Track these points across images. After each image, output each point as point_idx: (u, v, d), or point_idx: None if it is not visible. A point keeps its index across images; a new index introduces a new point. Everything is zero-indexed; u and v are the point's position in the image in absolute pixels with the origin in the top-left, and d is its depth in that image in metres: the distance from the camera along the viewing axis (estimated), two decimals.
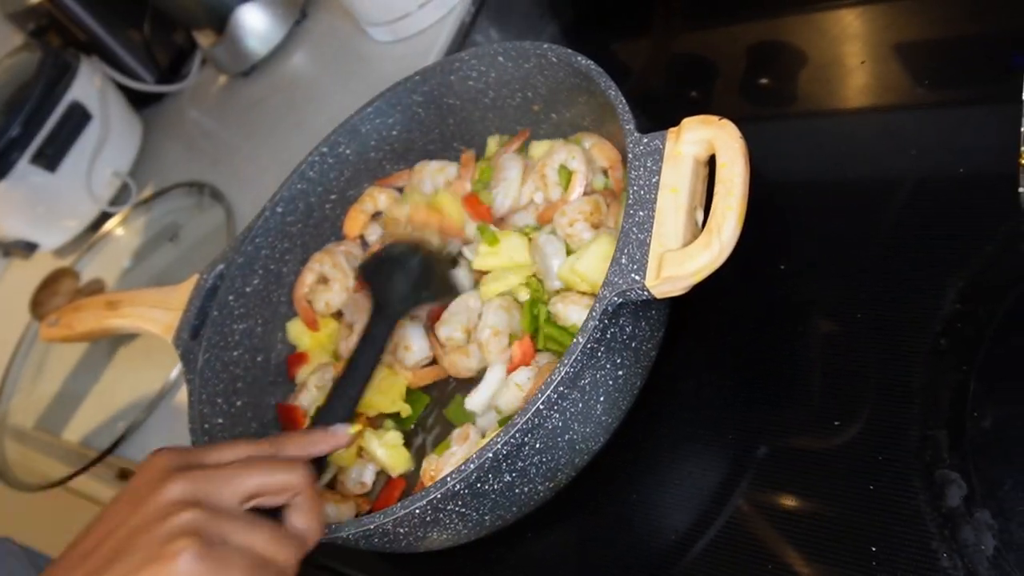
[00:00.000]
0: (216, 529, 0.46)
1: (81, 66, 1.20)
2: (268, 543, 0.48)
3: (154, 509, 0.46)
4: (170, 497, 0.46)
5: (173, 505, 0.46)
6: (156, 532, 0.45)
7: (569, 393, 0.54)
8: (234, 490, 0.48)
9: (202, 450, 0.51)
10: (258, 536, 0.47)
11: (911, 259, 0.57)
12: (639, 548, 0.58)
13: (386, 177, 0.84)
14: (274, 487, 0.50)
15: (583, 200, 0.67)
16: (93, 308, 0.85)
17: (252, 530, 0.47)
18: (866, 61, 0.69)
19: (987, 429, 0.49)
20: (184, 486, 0.47)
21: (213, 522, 0.46)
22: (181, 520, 0.46)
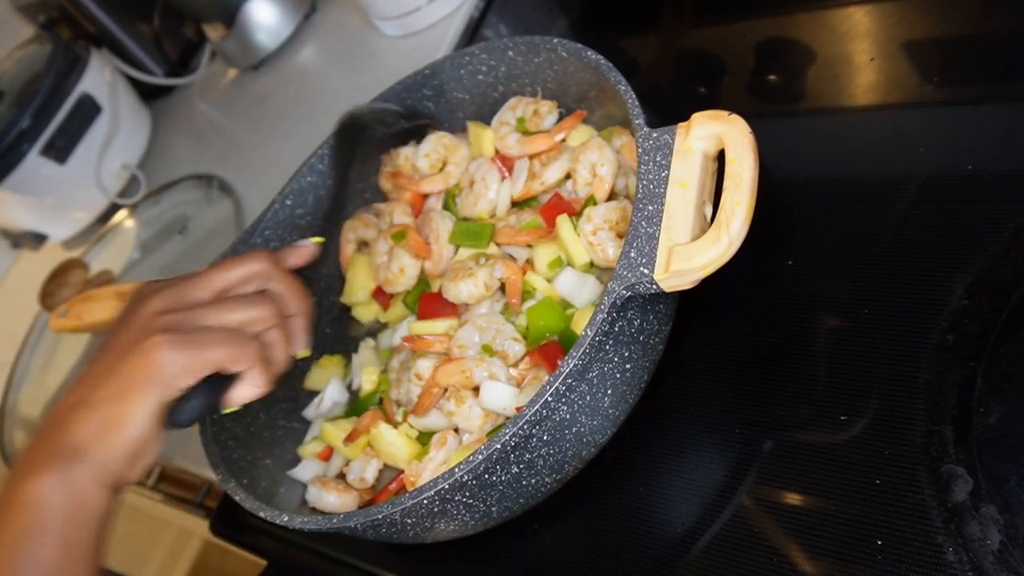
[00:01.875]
0: (188, 320, 0.53)
1: (91, 59, 1.21)
2: (240, 309, 0.55)
3: (136, 324, 0.54)
4: (148, 310, 0.54)
5: (150, 317, 0.54)
6: (138, 337, 0.53)
7: (577, 385, 0.54)
8: (203, 288, 0.56)
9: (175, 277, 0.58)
10: (229, 309, 0.55)
11: (918, 255, 0.57)
12: (645, 540, 0.58)
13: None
14: (239, 276, 0.57)
15: (610, 207, 0.65)
16: (103, 299, 0.86)
17: (222, 307, 0.55)
18: (875, 58, 0.69)
19: (993, 425, 0.49)
20: (158, 300, 0.55)
21: (184, 316, 0.54)
22: (156, 323, 0.53)
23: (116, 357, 0.53)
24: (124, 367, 0.52)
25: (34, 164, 1.16)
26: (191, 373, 0.53)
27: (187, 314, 0.54)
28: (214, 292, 0.56)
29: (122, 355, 0.53)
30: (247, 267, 0.57)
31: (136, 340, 0.53)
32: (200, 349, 0.52)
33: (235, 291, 0.57)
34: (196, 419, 0.54)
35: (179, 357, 0.52)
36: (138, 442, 0.52)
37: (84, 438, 0.51)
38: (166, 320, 0.53)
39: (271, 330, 0.56)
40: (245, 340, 0.54)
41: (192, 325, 0.53)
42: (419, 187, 0.78)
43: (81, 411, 0.52)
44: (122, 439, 0.52)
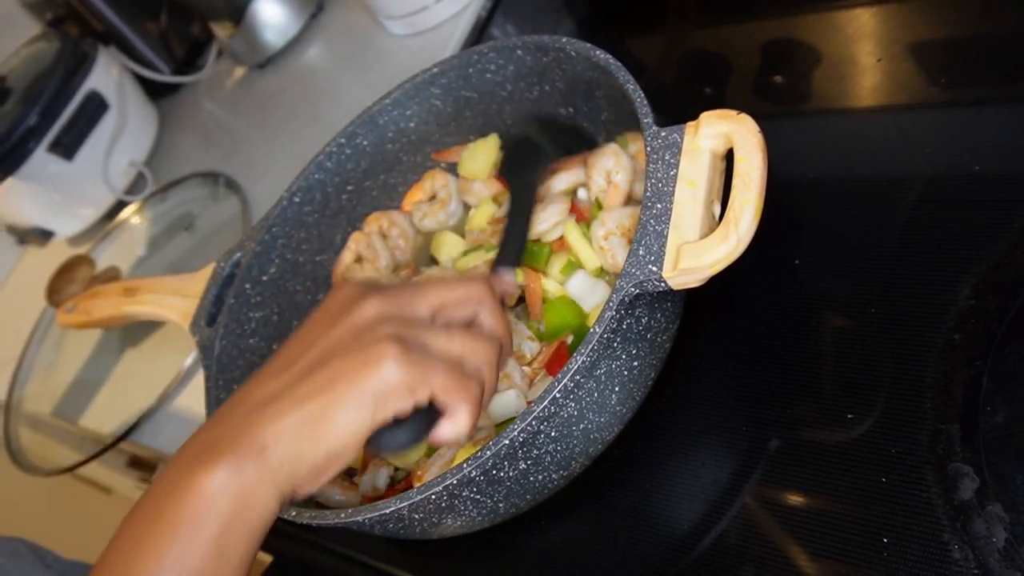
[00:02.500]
0: (414, 336, 0.47)
1: (99, 56, 1.21)
2: (463, 343, 0.49)
3: (353, 323, 0.48)
4: (368, 313, 0.48)
5: (371, 320, 0.47)
6: (359, 341, 0.46)
7: (585, 382, 0.54)
8: (422, 302, 0.50)
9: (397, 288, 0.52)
10: (454, 339, 0.49)
11: (925, 255, 0.58)
12: (652, 537, 0.58)
13: (443, 151, 0.84)
14: (457, 299, 0.51)
15: (624, 212, 0.65)
16: (110, 295, 0.86)
17: (447, 334, 0.49)
18: (881, 59, 0.69)
19: (999, 424, 0.49)
20: (378, 303, 0.48)
21: (411, 330, 0.48)
22: (383, 330, 0.47)
23: (328, 352, 0.47)
24: (344, 367, 0.46)
25: (41, 161, 1.17)
26: (412, 395, 0.46)
27: (413, 329, 0.48)
28: (432, 308, 0.50)
29: (341, 352, 0.46)
30: (466, 289, 0.52)
31: (360, 340, 0.46)
32: (426, 374, 0.46)
33: (450, 311, 0.51)
34: (405, 448, 0.48)
35: (404, 376, 0.46)
36: (334, 456, 0.46)
37: (276, 437, 0.45)
38: (393, 329, 0.47)
39: (487, 367, 0.50)
40: (469, 375, 0.48)
41: (418, 343, 0.47)
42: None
43: (279, 405, 0.45)
44: (320, 448, 0.45)
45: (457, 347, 0.48)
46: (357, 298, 0.49)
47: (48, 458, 1.05)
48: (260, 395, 0.46)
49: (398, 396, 0.46)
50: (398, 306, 0.49)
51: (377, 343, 0.46)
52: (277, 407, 0.45)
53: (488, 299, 0.52)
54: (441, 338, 0.48)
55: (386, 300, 0.49)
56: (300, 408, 0.45)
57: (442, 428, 0.48)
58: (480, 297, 0.52)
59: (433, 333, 0.48)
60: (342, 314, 0.48)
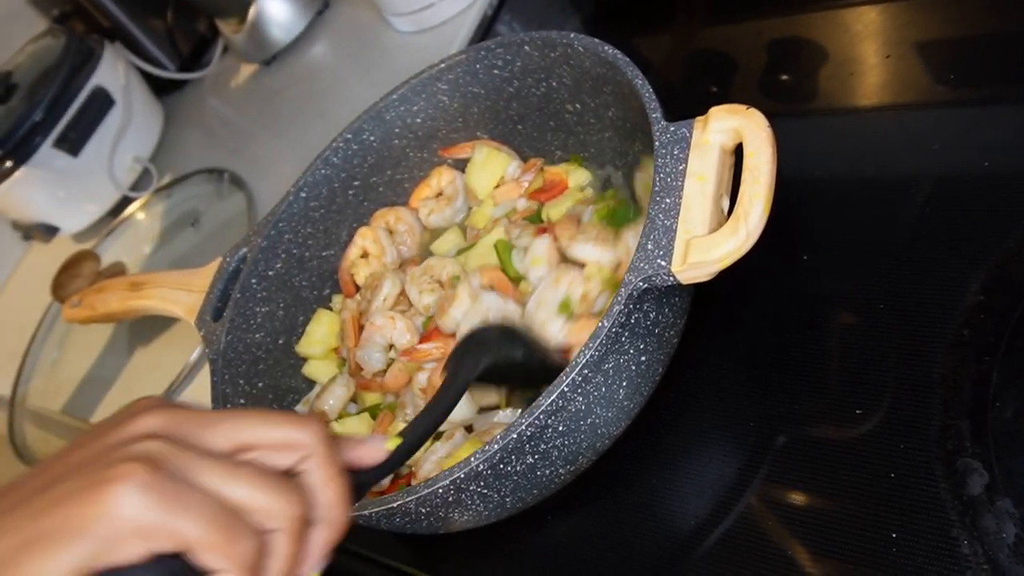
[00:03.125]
0: (180, 463, 0.36)
1: (105, 52, 1.21)
2: (251, 487, 0.37)
3: (114, 438, 0.37)
4: (139, 427, 0.37)
5: (138, 434, 0.37)
6: (103, 459, 0.36)
7: (593, 376, 0.54)
8: (222, 433, 0.38)
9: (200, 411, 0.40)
10: (238, 478, 0.37)
11: (934, 251, 0.58)
12: (659, 533, 0.58)
13: (449, 147, 0.84)
14: (274, 439, 0.39)
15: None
16: (116, 289, 0.86)
17: (231, 471, 0.37)
18: (891, 56, 0.69)
19: (1009, 419, 0.49)
20: (160, 419, 0.37)
21: (178, 455, 0.36)
22: (138, 447, 0.36)
23: (66, 471, 0.36)
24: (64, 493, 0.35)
25: (47, 156, 1.17)
26: (148, 542, 0.34)
27: (183, 455, 0.36)
28: (234, 445, 0.38)
29: (77, 471, 0.36)
30: (290, 431, 0.39)
31: (103, 456, 0.36)
32: (176, 514, 0.35)
33: (262, 453, 0.39)
34: None
35: (144, 511, 0.34)
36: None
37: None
38: (152, 449, 0.36)
39: (280, 534, 0.37)
40: (240, 530, 0.36)
41: (183, 473, 0.36)
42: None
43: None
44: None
45: (241, 492, 0.36)
46: (144, 408, 0.38)
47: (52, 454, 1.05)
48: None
49: (130, 539, 0.34)
50: (183, 428, 0.37)
51: (120, 462, 0.35)
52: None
53: (320, 451, 0.39)
54: (218, 474, 0.36)
55: (171, 418, 0.38)
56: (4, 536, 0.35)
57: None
58: (309, 445, 0.39)
59: (210, 467, 0.36)
60: (112, 427, 0.37)
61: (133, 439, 0.36)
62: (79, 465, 0.36)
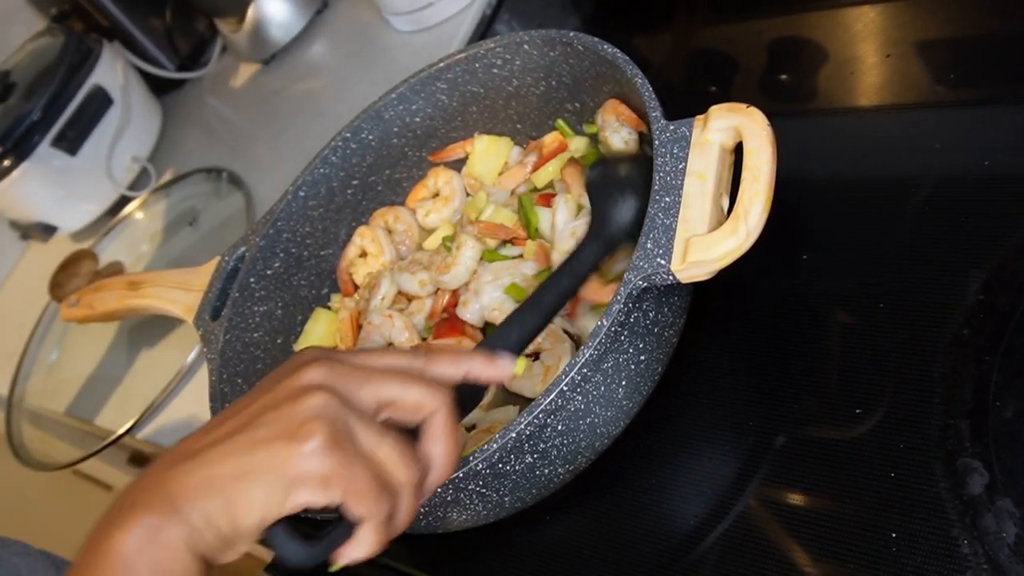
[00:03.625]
0: (347, 422, 0.44)
1: (103, 51, 1.21)
2: (393, 456, 0.45)
3: (289, 387, 0.45)
4: (308, 379, 0.45)
5: (309, 387, 0.44)
6: (290, 410, 0.44)
7: (592, 376, 0.54)
8: (370, 391, 0.46)
9: (351, 352, 0.49)
10: (385, 445, 0.45)
11: (935, 250, 0.58)
12: (657, 533, 0.58)
13: (441, 151, 0.83)
14: (409, 401, 0.47)
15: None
16: (114, 288, 0.86)
17: (381, 437, 0.45)
18: (891, 56, 0.69)
19: (1009, 419, 0.49)
20: (323, 372, 0.45)
21: (345, 413, 0.44)
22: (315, 401, 0.44)
23: (257, 416, 0.44)
24: (268, 434, 0.43)
25: (45, 155, 1.16)
26: (326, 490, 0.43)
27: (348, 413, 0.44)
28: (379, 401, 0.46)
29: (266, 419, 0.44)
30: (423, 395, 0.47)
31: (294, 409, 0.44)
32: (349, 470, 0.43)
33: (397, 411, 0.47)
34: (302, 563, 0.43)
35: (327, 465, 0.42)
36: (237, 528, 0.43)
37: (189, 494, 0.43)
38: (325, 405, 0.44)
39: (406, 491, 0.45)
40: (386, 491, 0.44)
41: (349, 431, 0.44)
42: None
43: (195, 464, 0.43)
44: (224, 515, 0.43)
45: (383, 455, 0.45)
46: (307, 361, 0.46)
47: (49, 454, 1.05)
48: (185, 451, 0.45)
49: (312, 486, 0.43)
50: (344, 383, 0.46)
51: (309, 420, 0.43)
52: (194, 464, 0.43)
53: (441, 413, 0.47)
54: (372, 437, 0.44)
55: (333, 372, 0.46)
56: (215, 467, 0.43)
57: (344, 549, 0.44)
58: (432, 408, 0.47)
59: (367, 429, 0.45)
60: (287, 375, 0.46)
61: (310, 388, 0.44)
62: (266, 411, 0.44)
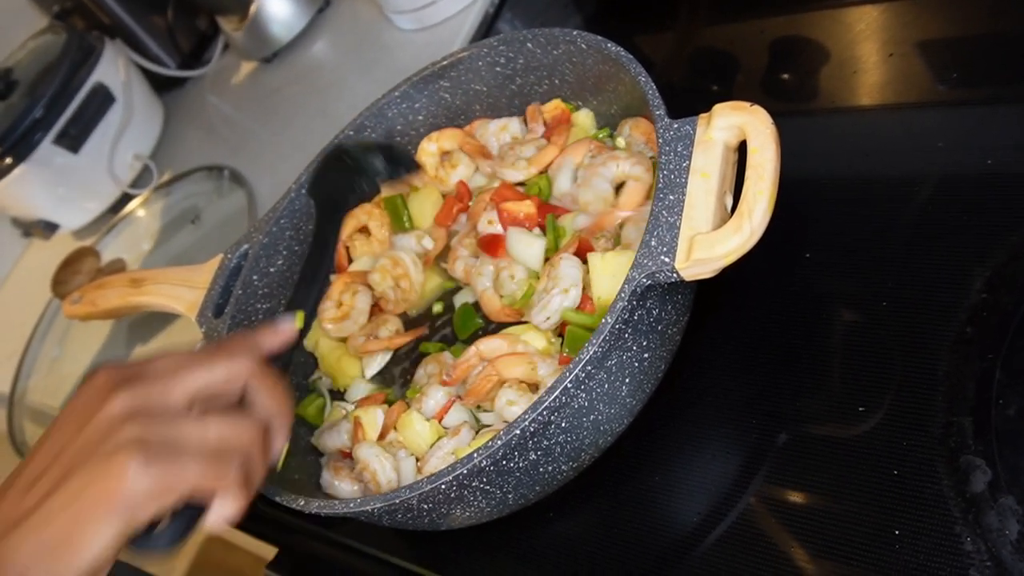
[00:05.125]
0: (161, 434, 0.45)
1: (105, 49, 1.21)
2: (219, 429, 0.46)
3: (96, 427, 0.45)
4: (112, 412, 0.45)
5: (115, 419, 0.45)
6: (100, 450, 0.44)
7: (596, 373, 0.54)
8: (178, 391, 0.47)
9: (142, 362, 0.49)
10: (210, 427, 0.46)
11: (938, 249, 0.58)
12: (660, 530, 0.58)
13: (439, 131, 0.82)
14: (219, 380, 0.48)
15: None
16: (117, 285, 0.86)
17: (198, 424, 0.46)
18: (893, 55, 0.69)
19: (1012, 416, 0.49)
20: (125, 399, 0.46)
21: (156, 427, 0.45)
22: (124, 433, 0.44)
23: (70, 463, 0.44)
24: (81, 481, 0.43)
25: (47, 153, 1.17)
26: (163, 499, 0.44)
27: (159, 426, 0.45)
28: (190, 396, 0.47)
29: (79, 463, 0.44)
30: (228, 367, 0.49)
31: (98, 449, 0.44)
32: (176, 474, 0.44)
33: (214, 394, 0.49)
34: (170, 547, 0.46)
35: (151, 481, 0.43)
36: (93, 570, 0.44)
37: (27, 564, 0.43)
38: (136, 431, 0.44)
39: (252, 450, 0.48)
40: (225, 462, 0.46)
41: (166, 439, 0.45)
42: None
43: (23, 532, 0.43)
44: (72, 568, 0.43)
45: (213, 435, 0.46)
46: (104, 393, 0.46)
47: None
48: (7, 519, 0.44)
49: (149, 502, 0.44)
50: (146, 399, 0.46)
51: (117, 452, 0.43)
52: (22, 532, 0.43)
53: (255, 372, 0.50)
54: (191, 429, 0.46)
55: (133, 394, 0.46)
56: (45, 530, 0.43)
57: (210, 517, 0.47)
58: (245, 373, 0.49)
59: (183, 426, 0.46)
60: (88, 415, 0.46)
61: (115, 422, 0.45)
62: (83, 452, 0.44)
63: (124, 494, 0.43)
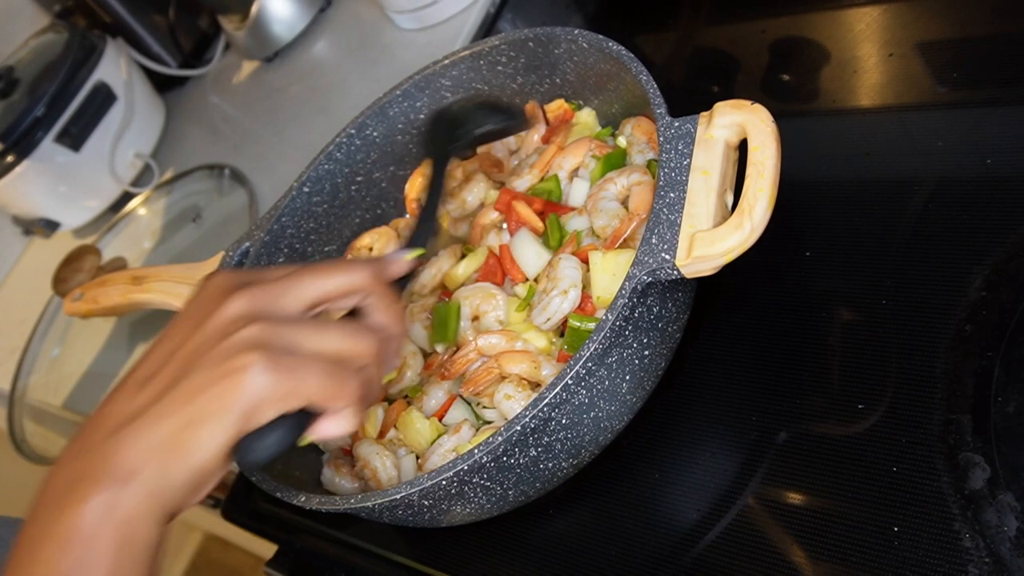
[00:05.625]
0: (282, 338, 0.44)
1: (107, 48, 1.21)
2: (340, 340, 0.45)
3: (215, 327, 0.44)
4: (231, 313, 0.44)
5: (235, 321, 0.44)
6: (220, 348, 0.43)
7: (596, 370, 0.54)
8: (295, 297, 0.46)
9: (259, 270, 0.48)
10: (328, 336, 0.45)
11: (937, 247, 0.58)
12: (661, 527, 0.58)
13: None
14: (336, 289, 0.48)
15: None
16: (118, 283, 0.86)
17: (320, 332, 0.45)
18: (893, 55, 0.69)
19: (1011, 414, 0.49)
20: (244, 301, 0.45)
21: (278, 332, 0.44)
22: (245, 334, 0.43)
23: (187, 361, 0.44)
24: (200, 380, 0.43)
25: (49, 151, 1.17)
26: (282, 405, 0.44)
27: (281, 330, 0.44)
28: (307, 303, 0.47)
29: (200, 363, 0.43)
30: (348, 278, 0.48)
31: (220, 350, 0.43)
32: (298, 381, 0.43)
33: (330, 304, 0.48)
34: (273, 457, 0.45)
35: (273, 386, 0.43)
36: (203, 472, 0.43)
37: (140, 460, 0.42)
38: (258, 333, 0.44)
39: (370, 364, 0.47)
40: (346, 376, 0.45)
41: (287, 344, 0.44)
42: None
43: (139, 425, 0.43)
44: (184, 467, 0.43)
45: (332, 345, 0.45)
46: (222, 295, 0.45)
47: (51, 450, 1.05)
48: (120, 414, 0.44)
49: (267, 407, 0.43)
50: (265, 303, 0.45)
51: (239, 353, 0.43)
52: (136, 427, 0.43)
53: (374, 287, 0.49)
54: (313, 337, 0.45)
55: (252, 297, 0.45)
56: (160, 426, 0.43)
57: (323, 425, 0.46)
58: (363, 286, 0.48)
59: (304, 333, 0.45)
60: (205, 315, 0.45)
61: (231, 326, 0.44)
62: (198, 357, 0.44)
63: (244, 396, 0.42)
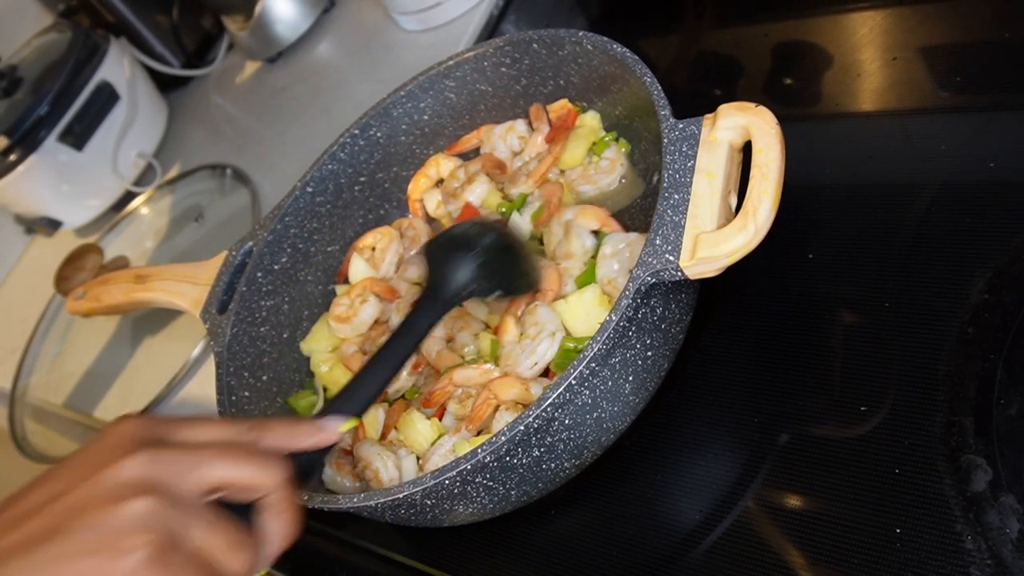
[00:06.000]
0: (174, 526, 0.41)
1: (110, 47, 1.22)
2: (223, 548, 0.43)
3: (106, 486, 0.41)
4: (126, 476, 0.41)
5: (129, 486, 0.41)
6: (109, 516, 0.40)
7: (600, 370, 0.54)
8: (198, 478, 0.43)
9: (174, 423, 0.45)
10: (215, 539, 0.42)
11: (940, 250, 0.58)
12: (662, 528, 0.58)
13: (454, 144, 0.84)
14: (241, 482, 0.44)
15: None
16: (121, 281, 0.86)
17: (210, 531, 0.42)
18: (896, 59, 0.69)
19: (1013, 416, 0.49)
20: (143, 465, 0.42)
21: (171, 517, 0.41)
22: (135, 510, 0.40)
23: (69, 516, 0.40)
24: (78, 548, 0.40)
25: (51, 150, 1.17)
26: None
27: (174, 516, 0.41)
28: (208, 487, 0.43)
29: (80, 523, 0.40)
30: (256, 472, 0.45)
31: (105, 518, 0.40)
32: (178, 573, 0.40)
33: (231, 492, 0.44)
34: None
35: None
36: None
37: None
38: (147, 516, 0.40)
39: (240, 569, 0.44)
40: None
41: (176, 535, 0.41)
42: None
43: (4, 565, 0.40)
44: None
45: (214, 550, 0.42)
46: (122, 450, 0.42)
47: (52, 449, 1.05)
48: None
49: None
50: (165, 475, 0.42)
51: (131, 533, 0.40)
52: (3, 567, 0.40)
53: (277, 490, 0.45)
54: (202, 534, 0.42)
55: (152, 463, 0.42)
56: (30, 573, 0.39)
57: None
58: (267, 486, 0.45)
59: (195, 524, 0.42)
60: (99, 466, 0.41)
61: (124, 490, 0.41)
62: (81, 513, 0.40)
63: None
